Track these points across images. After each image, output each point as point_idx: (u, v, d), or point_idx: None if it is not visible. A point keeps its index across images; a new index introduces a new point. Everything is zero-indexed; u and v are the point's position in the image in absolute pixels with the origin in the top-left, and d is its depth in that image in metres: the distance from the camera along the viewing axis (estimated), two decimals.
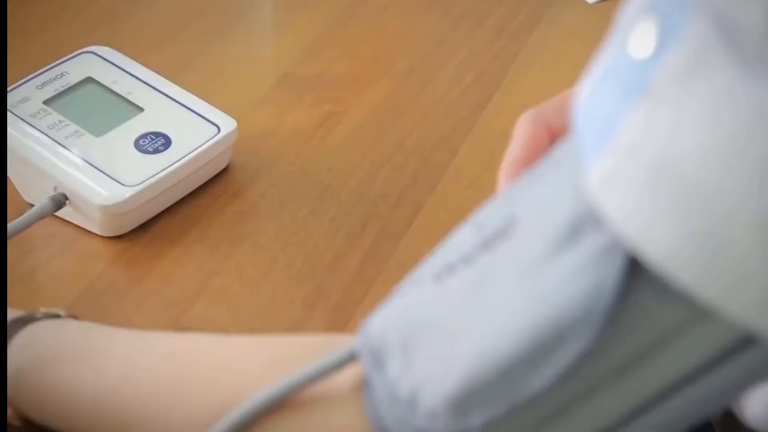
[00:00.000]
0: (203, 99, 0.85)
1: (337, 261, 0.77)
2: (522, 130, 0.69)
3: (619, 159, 0.43)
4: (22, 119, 0.81)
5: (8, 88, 0.83)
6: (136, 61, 0.88)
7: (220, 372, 0.58)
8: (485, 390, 0.47)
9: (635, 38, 0.43)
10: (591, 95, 0.45)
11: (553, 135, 0.69)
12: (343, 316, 0.72)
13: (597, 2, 1.05)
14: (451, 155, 0.86)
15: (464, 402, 0.47)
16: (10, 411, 0.63)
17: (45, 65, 0.86)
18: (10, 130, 0.81)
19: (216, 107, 0.85)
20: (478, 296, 0.48)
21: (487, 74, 0.97)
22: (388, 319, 0.51)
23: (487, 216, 0.50)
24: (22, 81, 0.84)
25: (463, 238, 0.50)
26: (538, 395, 0.46)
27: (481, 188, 0.82)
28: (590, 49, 0.51)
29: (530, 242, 0.47)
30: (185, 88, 0.86)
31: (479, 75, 0.96)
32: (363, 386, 0.52)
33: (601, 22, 1.01)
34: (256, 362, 0.58)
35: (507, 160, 0.69)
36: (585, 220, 0.45)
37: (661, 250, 0.42)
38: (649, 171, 0.42)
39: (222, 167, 0.85)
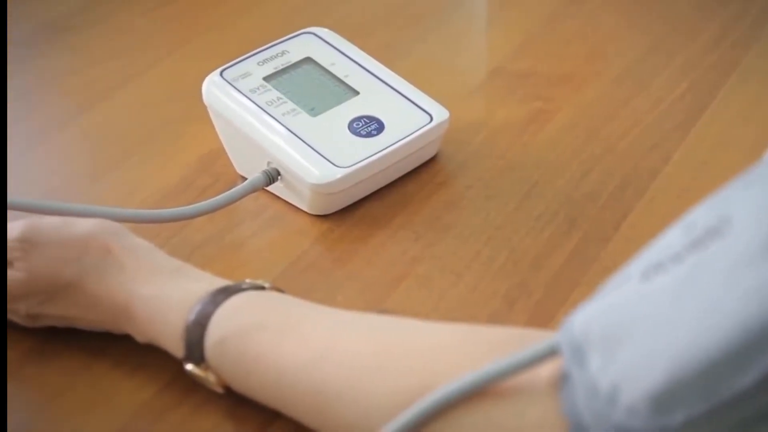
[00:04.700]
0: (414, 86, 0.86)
1: (541, 259, 0.76)
2: None
3: None
4: (242, 93, 0.83)
5: (230, 63, 0.85)
6: (354, 44, 0.89)
7: (419, 355, 0.58)
8: (689, 388, 0.46)
9: None
10: None
11: None
12: (545, 315, 0.71)
13: None
14: (663, 162, 0.85)
15: (666, 399, 0.47)
16: (213, 378, 0.64)
17: (263, 42, 0.88)
18: (230, 104, 0.83)
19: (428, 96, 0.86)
20: (687, 294, 0.47)
21: (703, 83, 0.94)
22: (591, 315, 0.51)
23: (697, 217, 0.49)
24: (245, 57, 0.86)
25: (672, 238, 0.50)
26: (742, 396, 0.45)
27: (692, 198, 0.78)
28: None
29: (744, 242, 0.46)
30: (398, 74, 0.87)
31: (695, 83, 0.94)
32: (561, 382, 0.52)
33: None
34: (455, 349, 0.58)
35: None
36: None
37: None
38: None
39: (431, 156, 0.86)
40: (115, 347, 0.69)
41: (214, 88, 0.84)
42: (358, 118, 0.83)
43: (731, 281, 0.46)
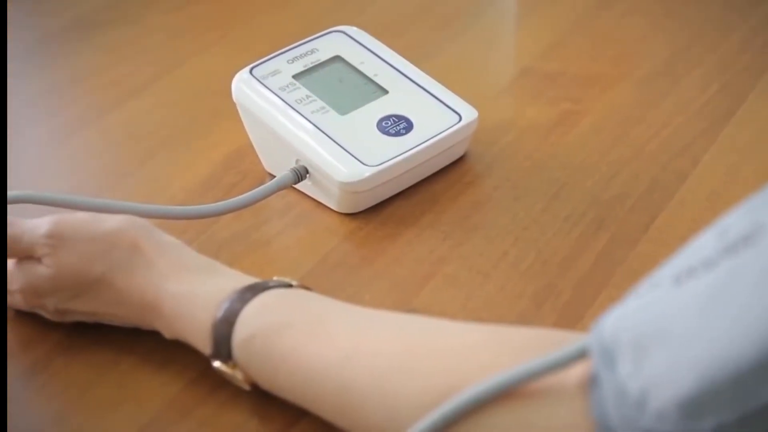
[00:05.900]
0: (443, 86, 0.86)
1: (568, 260, 0.76)
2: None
3: None
4: (272, 91, 0.83)
5: (260, 61, 0.85)
6: (383, 43, 0.89)
7: (446, 355, 0.58)
8: (720, 395, 0.46)
9: None
10: None
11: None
12: (572, 317, 0.71)
13: None
14: (692, 165, 0.84)
15: (697, 405, 0.46)
16: (240, 375, 0.64)
17: (293, 40, 0.88)
18: (259, 101, 0.83)
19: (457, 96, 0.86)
20: (719, 300, 0.47)
21: (732, 86, 0.94)
22: (622, 319, 0.51)
23: (731, 222, 0.49)
24: (274, 54, 0.86)
25: (704, 242, 0.49)
26: None
27: (722, 201, 0.80)
28: None
29: None
30: (428, 74, 0.87)
31: (724, 86, 0.94)
32: (590, 384, 0.51)
33: None
34: (483, 350, 0.57)
35: None
36: None
37: None
38: None
39: (459, 155, 0.86)
40: (143, 343, 0.70)
41: (243, 86, 0.84)
42: (387, 117, 0.83)
43: (764, 289, 0.46)
